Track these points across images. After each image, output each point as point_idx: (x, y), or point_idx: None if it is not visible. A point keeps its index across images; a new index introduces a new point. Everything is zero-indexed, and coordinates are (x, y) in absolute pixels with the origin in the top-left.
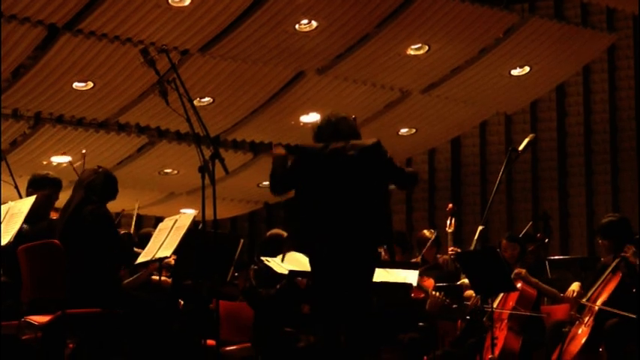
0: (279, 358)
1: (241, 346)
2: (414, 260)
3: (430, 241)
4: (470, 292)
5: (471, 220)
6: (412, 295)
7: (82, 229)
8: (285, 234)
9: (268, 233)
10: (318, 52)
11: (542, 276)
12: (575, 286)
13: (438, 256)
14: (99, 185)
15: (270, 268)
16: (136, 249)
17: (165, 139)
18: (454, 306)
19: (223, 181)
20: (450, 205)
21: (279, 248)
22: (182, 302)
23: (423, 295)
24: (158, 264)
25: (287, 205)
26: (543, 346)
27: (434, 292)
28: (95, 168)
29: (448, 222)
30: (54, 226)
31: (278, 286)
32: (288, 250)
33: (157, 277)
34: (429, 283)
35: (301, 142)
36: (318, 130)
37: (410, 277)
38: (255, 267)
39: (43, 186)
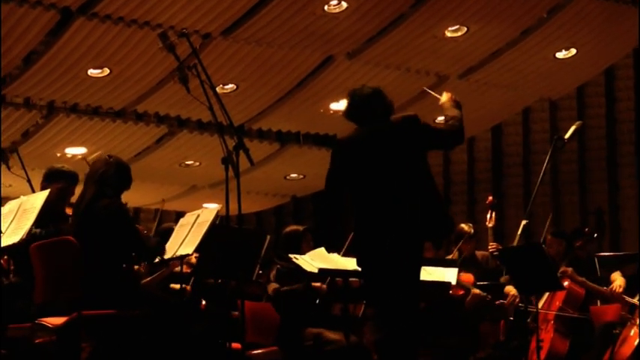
0: None
1: (268, 350)
2: (450, 257)
3: (468, 235)
4: (509, 288)
5: (513, 214)
6: (451, 292)
7: (96, 225)
8: (301, 228)
9: (285, 230)
10: (348, 35)
11: (591, 274)
12: (620, 280)
13: (477, 252)
14: (112, 177)
15: (297, 267)
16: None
17: (186, 128)
18: (497, 302)
19: (248, 174)
20: (490, 198)
21: (299, 245)
22: (204, 302)
23: (462, 292)
24: (179, 262)
25: (315, 198)
26: (592, 349)
27: (474, 289)
28: (105, 158)
29: (488, 216)
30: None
31: (297, 286)
32: (309, 246)
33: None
34: (468, 278)
35: (331, 131)
36: (349, 110)
37: (448, 275)
38: (279, 266)
39: (58, 179)
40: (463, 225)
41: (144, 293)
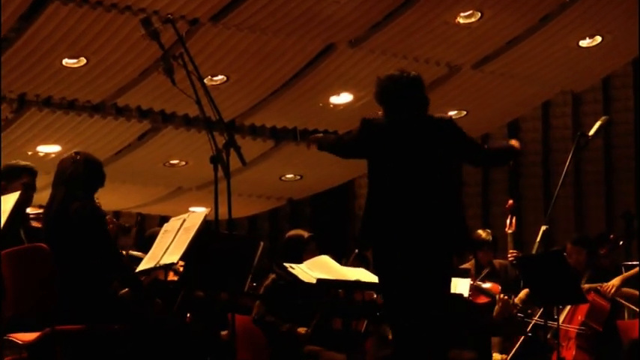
0: None
1: None
2: (465, 266)
3: (485, 242)
4: (520, 295)
5: (532, 219)
6: (474, 300)
7: (68, 231)
8: (306, 235)
9: (288, 234)
10: (351, 20)
11: None
12: (615, 281)
13: (495, 261)
14: (81, 176)
15: (293, 278)
16: (136, 252)
17: (171, 124)
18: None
19: (240, 174)
20: (511, 202)
21: (300, 253)
22: (190, 316)
23: (487, 301)
24: (163, 272)
25: (314, 202)
26: None
27: (502, 296)
28: (72, 155)
29: (508, 221)
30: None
31: (282, 326)
32: (313, 253)
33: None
34: (495, 287)
35: (331, 127)
36: (384, 91)
37: (460, 286)
38: (274, 276)
39: (19, 175)
40: (480, 231)
41: (123, 306)
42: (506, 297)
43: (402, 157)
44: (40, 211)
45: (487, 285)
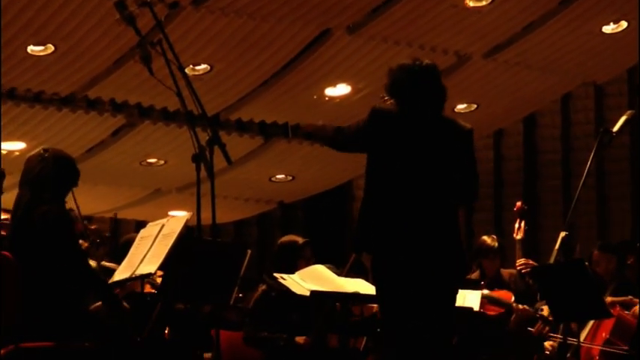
0: None
1: None
2: (470, 276)
3: (491, 250)
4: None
5: (550, 225)
6: (487, 311)
7: (33, 238)
8: (301, 241)
9: (281, 240)
10: (349, 3)
11: None
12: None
13: (503, 270)
14: (49, 176)
15: (285, 289)
16: (109, 264)
17: (148, 119)
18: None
19: (225, 174)
20: (519, 204)
21: (295, 261)
22: (169, 332)
23: (502, 311)
24: (140, 283)
25: (307, 205)
26: None
27: (517, 305)
28: (40, 153)
29: (516, 225)
30: None
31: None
32: (308, 264)
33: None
34: (506, 295)
35: (327, 122)
36: (396, 83)
37: (470, 298)
38: (265, 287)
39: None
40: (485, 237)
41: (95, 321)
42: (525, 306)
43: (412, 156)
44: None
45: (497, 294)
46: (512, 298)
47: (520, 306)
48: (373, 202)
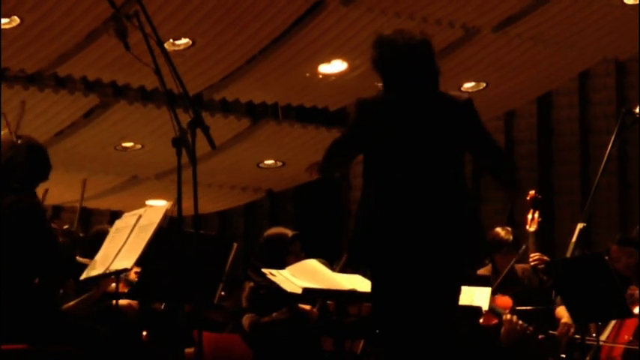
0: None
1: None
2: (481, 272)
3: (505, 243)
4: (561, 313)
5: (567, 215)
6: (481, 321)
7: (1, 231)
8: (290, 233)
9: (267, 233)
10: None
11: None
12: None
13: (517, 265)
14: (20, 164)
15: (274, 286)
16: (81, 259)
17: (124, 99)
18: (540, 336)
19: (208, 160)
20: (532, 192)
21: (283, 255)
22: (147, 334)
23: (495, 322)
24: (115, 279)
25: (298, 194)
26: None
27: (510, 316)
28: (11, 139)
29: (529, 216)
30: None
31: (275, 314)
32: (297, 258)
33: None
34: (505, 302)
35: (320, 102)
36: (380, 58)
37: (479, 297)
38: (252, 284)
39: None
40: (499, 229)
41: (67, 322)
42: (514, 317)
43: (404, 146)
44: None
45: (496, 300)
46: (511, 306)
47: (512, 317)
48: (373, 202)
